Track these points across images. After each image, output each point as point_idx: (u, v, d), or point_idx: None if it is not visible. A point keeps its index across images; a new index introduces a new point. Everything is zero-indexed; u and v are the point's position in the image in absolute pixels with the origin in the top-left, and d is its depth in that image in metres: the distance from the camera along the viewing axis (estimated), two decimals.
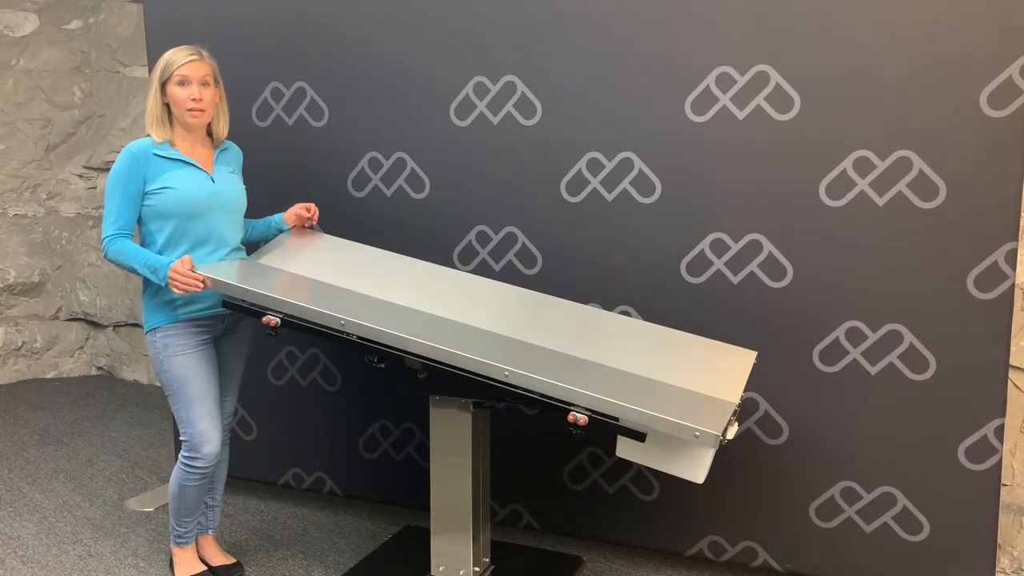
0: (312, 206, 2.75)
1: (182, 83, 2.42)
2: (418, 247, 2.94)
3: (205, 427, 2.49)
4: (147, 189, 2.42)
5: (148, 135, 2.47)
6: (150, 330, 2.49)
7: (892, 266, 2.43)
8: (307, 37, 2.99)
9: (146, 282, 2.50)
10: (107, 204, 2.42)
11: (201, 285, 2.33)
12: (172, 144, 2.47)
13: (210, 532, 2.81)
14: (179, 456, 2.54)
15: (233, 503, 3.38)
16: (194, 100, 2.42)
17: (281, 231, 2.76)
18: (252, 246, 2.74)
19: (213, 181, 2.50)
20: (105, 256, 2.43)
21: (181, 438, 2.52)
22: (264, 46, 3.06)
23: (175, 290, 2.34)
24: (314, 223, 2.77)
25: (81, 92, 5.13)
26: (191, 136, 2.50)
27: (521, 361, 2.15)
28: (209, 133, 2.58)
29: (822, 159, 2.46)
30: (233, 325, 2.64)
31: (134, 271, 2.41)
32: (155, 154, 2.43)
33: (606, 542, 2.98)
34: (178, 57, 2.43)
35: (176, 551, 2.71)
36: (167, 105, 2.47)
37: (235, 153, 2.66)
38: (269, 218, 2.78)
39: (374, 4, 2.89)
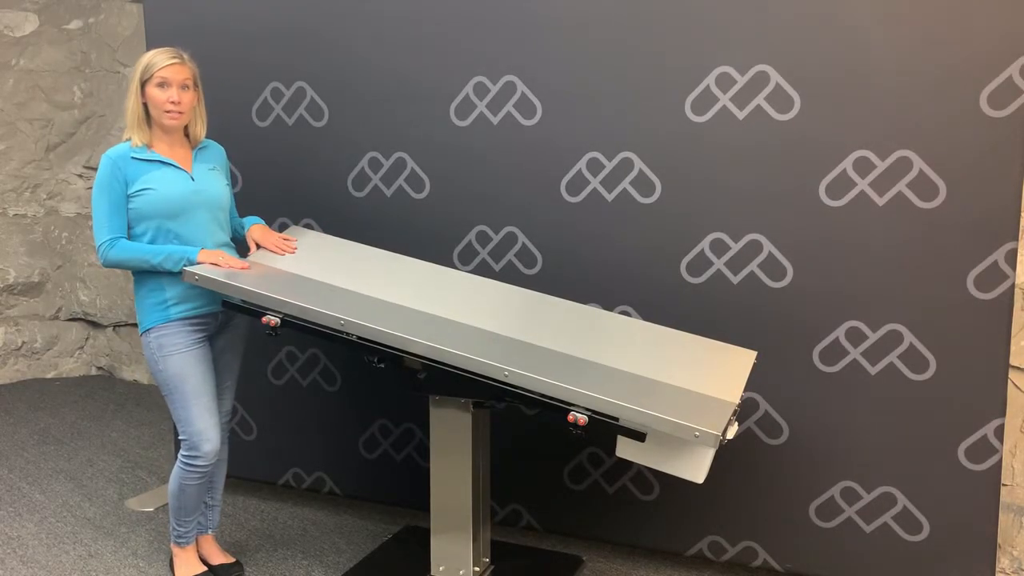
0: (283, 249, 2.67)
1: (162, 85, 2.42)
2: (418, 247, 2.94)
3: (204, 425, 2.49)
4: (127, 192, 2.43)
5: (127, 138, 2.48)
6: (144, 331, 2.49)
7: (892, 266, 2.43)
8: (307, 37, 2.99)
9: (138, 283, 2.50)
10: (96, 212, 2.43)
11: (243, 263, 2.48)
12: (150, 147, 2.48)
13: (210, 532, 2.81)
14: (178, 455, 2.54)
15: (233, 503, 3.38)
16: (173, 103, 2.43)
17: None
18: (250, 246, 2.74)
19: (193, 179, 2.50)
20: (105, 261, 2.42)
21: (180, 437, 2.51)
22: (264, 46, 3.06)
23: (213, 261, 2.42)
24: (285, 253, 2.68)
25: (81, 92, 5.13)
26: (168, 137, 2.51)
27: (521, 361, 2.15)
28: (187, 135, 2.58)
29: (822, 159, 2.46)
30: (226, 323, 2.64)
31: (146, 266, 2.41)
32: (133, 157, 2.43)
33: (606, 542, 2.98)
34: (159, 59, 2.43)
35: (176, 551, 2.72)
36: (145, 105, 2.47)
37: (216, 150, 2.65)
38: (244, 219, 2.74)
39: (374, 4, 2.89)
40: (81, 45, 5.09)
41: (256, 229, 2.68)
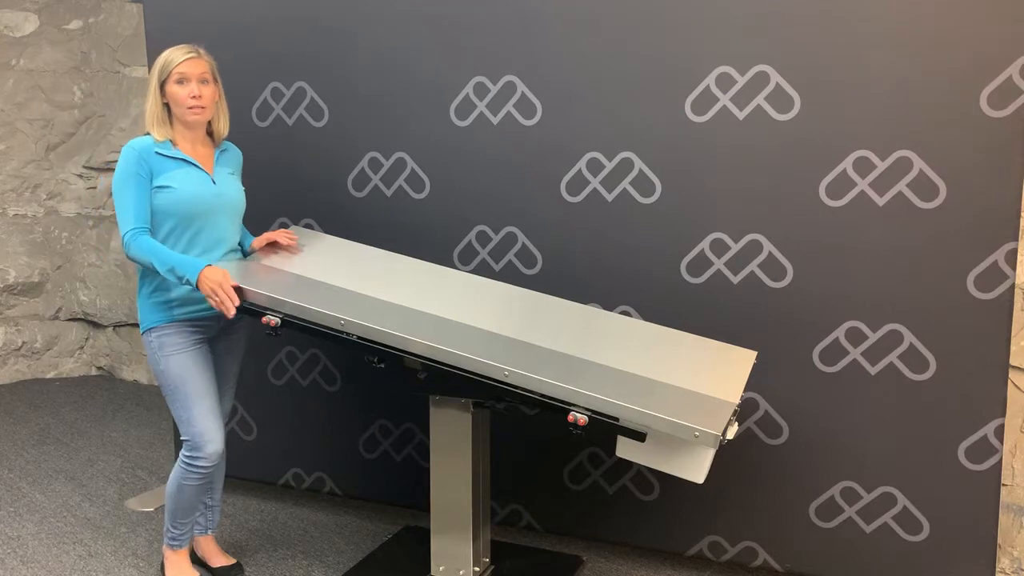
0: (291, 240, 2.65)
1: (181, 81, 2.42)
2: (418, 247, 2.94)
3: (207, 426, 2.48)
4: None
5: (147, 134, 2.47)
6: (146, 330, 2.49)
7: (892, 266, 2.43)
8: (307, 37, 2.99)
9: (141, 281, 2.50)
10: (120, 202, 2.39)
11: (233, 309, 2.31)
12: (174, 143, 2.47)
13: (210, 532, 2.81)
14: (180, 455, 2.53)
15: (233, 503, 3.38)
16: (194, 97, 2.42)
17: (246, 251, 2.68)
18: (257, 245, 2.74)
19: (214, 182, 2.50)
20: (127, 253, 2.39)
21: (182, 438, 2.50)
22: (264, 46, 3.06)
23: (207, 293, 2.30)
24: (291, 246, 2.66)
25: (81, 92, 5.13)
26: (191, 135, 2.50)
27: (521, 361, 2.15)
28: (209, 133, 2.58)
29: (822, 159, 2.46)
30: (228, 326, 2.63)
31: (152, 270, 2.38)
32: (157, 152, 2.43)
33: (606, 542, 2.98)
34: (176, 56, 2.42)
35: (169, 554, 2.68)
36: (167, 105, 2.46)
37: (235, 154, 2.66)
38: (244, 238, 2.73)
39: (374, 4, 2.89)
40: (81, 45, 5.09)
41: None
